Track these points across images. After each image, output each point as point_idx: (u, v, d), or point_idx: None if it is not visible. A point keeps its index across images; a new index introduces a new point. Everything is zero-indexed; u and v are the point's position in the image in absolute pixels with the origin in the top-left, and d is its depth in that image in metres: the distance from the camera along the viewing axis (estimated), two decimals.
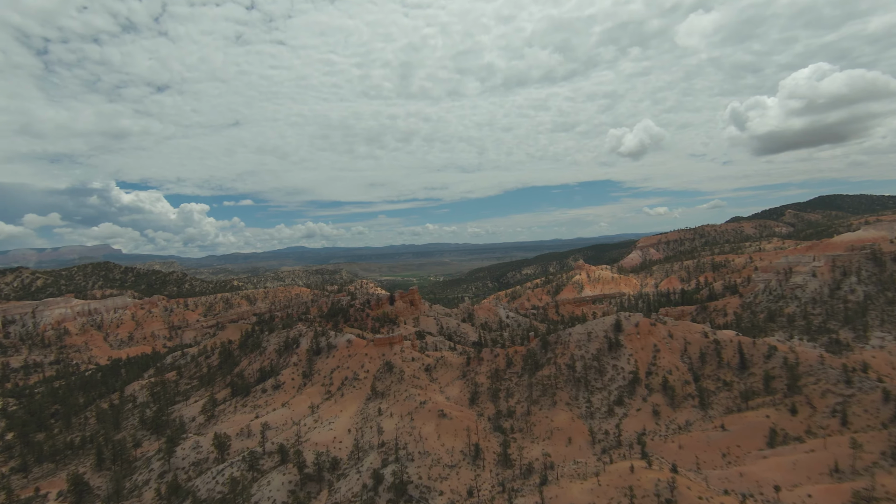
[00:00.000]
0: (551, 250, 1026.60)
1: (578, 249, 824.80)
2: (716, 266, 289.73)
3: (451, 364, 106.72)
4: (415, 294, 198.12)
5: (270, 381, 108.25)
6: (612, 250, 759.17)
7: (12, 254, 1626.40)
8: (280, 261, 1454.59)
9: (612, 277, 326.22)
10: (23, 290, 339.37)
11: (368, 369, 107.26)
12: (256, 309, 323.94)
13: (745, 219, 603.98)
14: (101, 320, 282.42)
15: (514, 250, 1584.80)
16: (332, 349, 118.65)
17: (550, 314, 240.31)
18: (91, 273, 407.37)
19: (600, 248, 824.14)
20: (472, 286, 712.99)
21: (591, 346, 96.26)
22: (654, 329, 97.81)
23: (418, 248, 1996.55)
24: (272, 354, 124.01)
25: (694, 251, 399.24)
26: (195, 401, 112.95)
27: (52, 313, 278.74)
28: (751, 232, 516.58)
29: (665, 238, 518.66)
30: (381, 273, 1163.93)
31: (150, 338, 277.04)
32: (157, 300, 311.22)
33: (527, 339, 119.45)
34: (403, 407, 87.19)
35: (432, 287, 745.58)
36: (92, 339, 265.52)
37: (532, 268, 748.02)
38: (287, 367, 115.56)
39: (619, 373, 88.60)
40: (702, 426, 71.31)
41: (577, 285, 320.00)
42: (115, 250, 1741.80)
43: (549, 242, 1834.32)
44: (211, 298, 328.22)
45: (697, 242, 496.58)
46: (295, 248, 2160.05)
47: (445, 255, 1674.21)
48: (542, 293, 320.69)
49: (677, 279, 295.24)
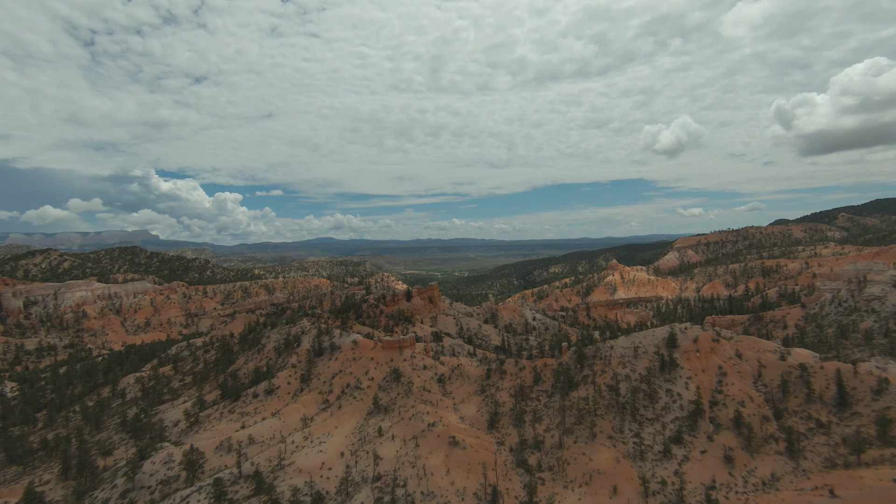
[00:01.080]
0: (579, 249, 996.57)
1: (609, 249, 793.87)
2: (766, 271, 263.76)
3: (469, 376, 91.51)
4: (434, 290, 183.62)
5: (264, 385, 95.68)
6: (644, 251, 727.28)
7: (59, 236, 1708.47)
8: (308, 251, 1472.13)
9: (648, 279, 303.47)
10: (50, 271, 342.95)
11: (373, 377, 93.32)
12: (274, 299, 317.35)
13: (792, 222, 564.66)
14: (119, 305, 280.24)
15: (541, 248, 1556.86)
16: (335, 351, 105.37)
17: (581, 317, 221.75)
18: (118, 257, 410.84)
19: (632, 248, 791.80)
20: (497, 283, 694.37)
21: (638, 364, 79.24)
22: (718, 346, 79.85)
23: (444, 243, 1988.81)
24: (271, 353, 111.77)
25: (738, 254, 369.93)
26: (184, 401, 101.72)
27: (74, 296, 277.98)
28: (800, 236, 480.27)
29: (705, 239, 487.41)
30: (405, 266, 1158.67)
31: (166, 324, 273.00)
32: (175, 286, 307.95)
33: (557, 348, 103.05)
34: (409, 428, 72.70)
35: (456, 283, 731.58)
36: (109, 323, 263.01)
37: (560, 266, 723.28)
38: (285, 368, 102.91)
39: (674, 400, 71.47)
40: (794, 483, 53.87)
41: (610, 287, 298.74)
42: (153, 236, 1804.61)
43: (578, 241, 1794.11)
44: (230, 287, 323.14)
45: (741, 245, 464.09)
46: (323, 238, 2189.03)
47: (471, 251, 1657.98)
48: (571, 294, 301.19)
49: (722, 284, 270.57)
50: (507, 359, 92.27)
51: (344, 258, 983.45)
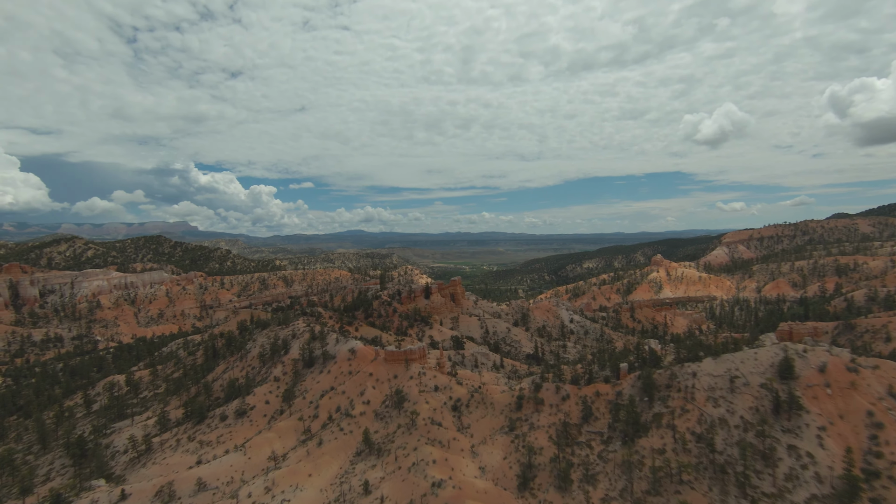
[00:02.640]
0: (613, 244, 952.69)
1: (647, 244, 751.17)
2: (841, 269, 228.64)
3: (494, 403, 69.33)
4: (457, 286, 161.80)
5: (236, 404, 76.55)
6: (685, 246, 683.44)
7: (106, 227, 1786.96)
8: (339, 243, 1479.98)
9: (698, 277, 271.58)
10: (73, 259, 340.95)
11: (369, 399, 72.60)
12: (292, 291, 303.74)
13: (855, 216, 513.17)
14: (135, 295, 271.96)
15: (573, 242, 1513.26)
16: (328, 361, 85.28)
17: (624, 319, 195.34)
18: (142, 246, 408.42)
19: (671, 243, 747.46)
20: (527, 278, 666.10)
21: (737, 403, 55.08)
22: (859, 380, 54.63)
23: (473, 237, 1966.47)
24: (254, 361, 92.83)
25: (800, 250, 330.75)
26: (147, 418, 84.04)
27: (91, 285, 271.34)
28: (867, 230, 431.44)
29: (757, 234, 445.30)
30: (433, 259, 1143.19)
31: (179, 316, 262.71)
32: (192, 277, 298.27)
33: (604, 362, 79.28)
34: (405, 486, 51.40)
35: (484, 277, 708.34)
36: (122, 314, 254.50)
37: (594, 261, 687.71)
38: (266, 381, 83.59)
39: (804, 465, 47.24)
40: None
41: (655, 284, 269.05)
42: (192, 227, 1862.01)
43: (611, 236, 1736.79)
44: (247, 278, 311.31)
45: (799, 240, 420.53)
46: (354, 231, 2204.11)
47: (500, 245, 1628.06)
48: (610, 291, 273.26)
49: (787, 283, 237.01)
50: (543, 382, 69.46)
51: (371, 250, 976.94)
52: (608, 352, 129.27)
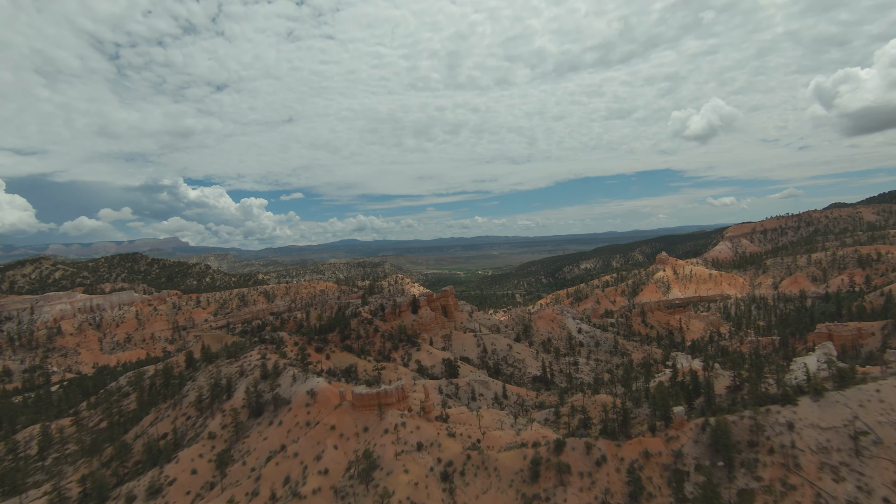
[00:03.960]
0: (606, 243, 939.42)
1: (644, 241, 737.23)
2: (864, 261, 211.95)
3: (500, 469, 49.89)
4: (448, 298, 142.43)
5: (149, 478, 56.54)
6: (683, 242, 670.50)
7: (95, 246, 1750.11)
8: (332, 253, 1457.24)
9: (708, 275, 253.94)
10: (39, 282, 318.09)
11: (328, 467, 52.91)
12: (274, 307, 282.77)
13: (857, 204, 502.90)
14: (101, 318, 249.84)
15: (566, 243, 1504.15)
16: (281, 407, 65.56)
17: (635, 325, 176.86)
18: (117, 265, 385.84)
19: (669, 240, 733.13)
20: (524, 281, 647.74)
21: (871, 474, 36.28)
22: None
23: (467, 241, 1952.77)
24: (190, 409, 72.78)
25: (810, 241, 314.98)
26: (43, 495, 63.62)
27: (52, 310, 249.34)
28: (872, 218, 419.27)
29: (760, 226, 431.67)
30: (427, 266, 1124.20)
31: (149, 340, 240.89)
32: (165, 296, 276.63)
33: (630, 380, 60.07)
34: None
35: (479, 282, 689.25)
36: (86, 340, 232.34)
37: (591, 262, 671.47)
38: (198, 439, 63.58)
39: None
40: None
41: (662, 284, 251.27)
42: (183, 243, 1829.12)
43: (604, 235, 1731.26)
44: (226, 294, 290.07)
45: (804, 231, 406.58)
46: (347, 240, 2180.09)
47: (494, 248, 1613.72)
48: (615, 294, 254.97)
49: (806, 278, 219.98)
50: (564, 438, 50.25)
51: (363, 259, 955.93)
52: (625, 366, 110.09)
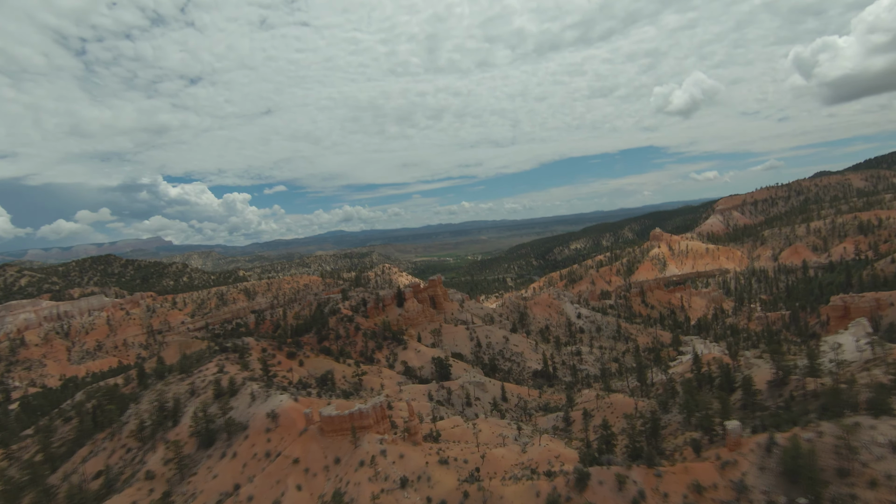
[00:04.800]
0: (593, 222, 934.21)
1: (633, 219, 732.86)
2: (865, 227, 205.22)
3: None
4: (437, 287, 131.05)
5: None
6: (672, 218, 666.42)
7: (75, 249, 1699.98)
8: (319, 245, 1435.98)
9: (705, 249, 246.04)
10: (4, 290, 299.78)
11: None
12: (255, 305, 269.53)
13: (842, 172, 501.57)
14: (69, 326, 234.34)
15: (554, 224, 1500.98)
16: (236, 434, 53.95)
17: (635, 305, 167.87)
18: (88, 268, 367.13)
19: (657, 216, 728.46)
20: (514, 265, 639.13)
21: None
22: None
23: (455, 227, 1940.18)
24: (130, 439, 60.77)
25: (805, 210, 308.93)
26: None
27: (16, 319, 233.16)
28: (861, 185, 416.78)
29: (751, 197, 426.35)
30: (416, 254, 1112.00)
31: (122, 347, 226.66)
32: (138, 298, 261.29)
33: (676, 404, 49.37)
34: None
35: (469, 267, 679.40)
36: (53, 350, 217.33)
37: (581, 242, 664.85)
38: (133, 481, 51.80)
39: None
40: None
41: (658, 261, 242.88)
42: (167, 242, 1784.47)
43: (591, 215, 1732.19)
44: (204, 294, 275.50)
45: (794, 200, 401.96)
46: (334, 232, 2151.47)
47: (482, 233, 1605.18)
48: (610, 273, 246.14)
49: (807, 248, 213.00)
50: (585, 465, 39.47)
51: (350, 250, 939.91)
52: (632, 353, 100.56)
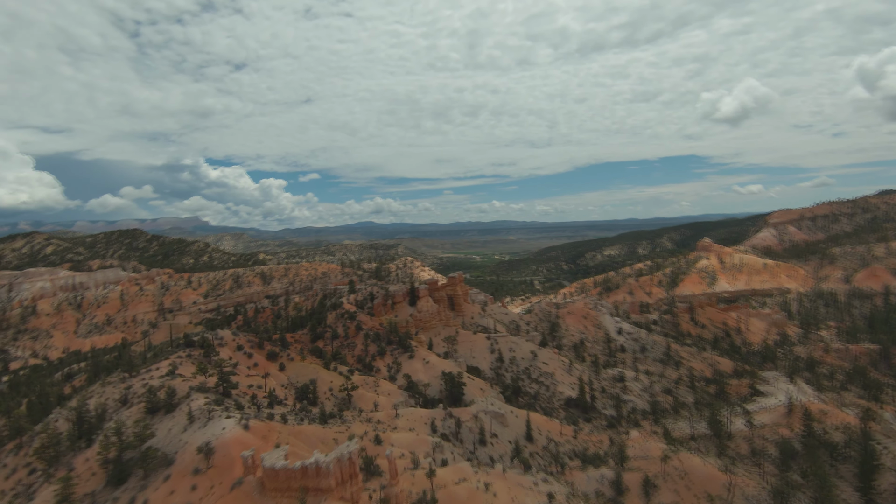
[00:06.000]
0: (627, 230, 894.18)
1: (672, 228, 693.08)
2: None
3: None
4: (457, 286, 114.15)
5: None
6: (715, 229, 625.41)
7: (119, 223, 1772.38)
8: (348, 235, 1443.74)
9: (763, 265, 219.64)
10: (30, 257, 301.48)
11: None
12: (270, 290, 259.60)
13: None
14: (82, 298, 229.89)
15: (586, 229, 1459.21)
16: (155, 472, 38.69)
17: (683, 323, 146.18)
18: (115, 241, 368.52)
19: (698, 227, 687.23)
20: (543, 267, 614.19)
21: None
22: None
23: (484, 226, 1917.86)
24: (36, 459, 46.61)
25: (875, 229, 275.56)
26: None
27: (32, 287, 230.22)
28: None
29: (810, 212, 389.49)
30: (443, 250, 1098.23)
31: (130, 323, 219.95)
32: (154, 275, 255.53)
33: None
34: None
35: (496, 267, 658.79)
36: (63, 321, 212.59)
37: (615, 248, 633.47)
38: None
39: None
40: None
41: (707, 274, 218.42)
42: (204, 222, 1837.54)
43: (624, 222, 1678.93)
44: (220, 275, 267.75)
45: (860, 219, 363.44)
46: (364, 223, 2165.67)
47: (511, 233, 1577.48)
48: (650, 284, 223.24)
49: (886, 270, 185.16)
50: None
51: (377, 241, 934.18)
52: (692, 385, 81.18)
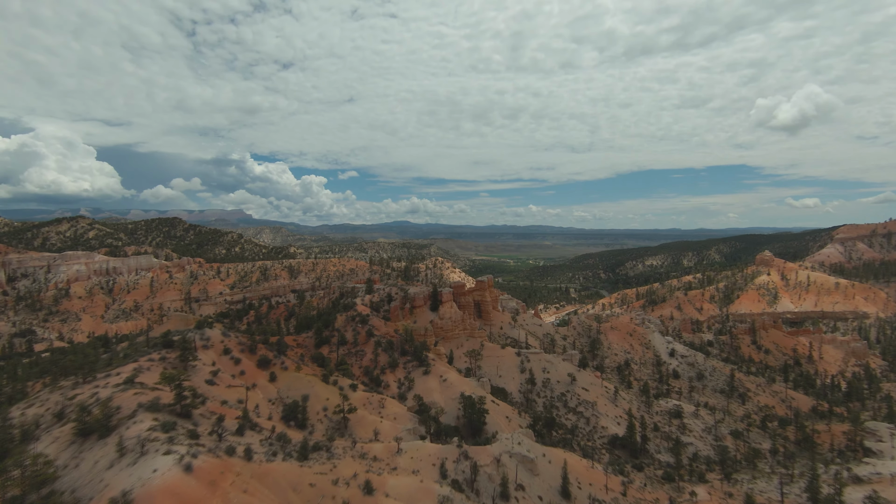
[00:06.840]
0: (668, 240, 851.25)
1: (721, 240, 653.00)
2: None
3: None
4: (485, 291, 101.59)
5: None
6: (769, 243, 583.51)
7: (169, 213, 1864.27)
8: (383, 233, 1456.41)
9: (835, 284, 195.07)
10: (73, 240, 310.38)
11: None
12: (296, 284, 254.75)
13: None
14: (114, 283, 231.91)
15: (625, 238, 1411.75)
16: None
17: (743, 347, 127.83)
18: (154, 228, 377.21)
19: (748, 239, 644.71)
20: (579, 275, 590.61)
21: None
22: None
23: (519, 230, 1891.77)
24: None
25: None
26: None
27: (69, 269, 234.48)
28: None
29: (883, 228, 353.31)
30: (476, 252, 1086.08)
31: (156, 310, 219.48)
32: (185, 263, 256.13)
33: None
34: None
35: (530, 272, 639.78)
36: (93, 305, 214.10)
37: (658, 258, 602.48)
38: None
39: None
40: None
41: (767, 292, 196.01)
42: (247, 215, 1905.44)
43: (667, 232, 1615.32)
44: (248, 266, 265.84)
45: None
46: (400, 222, 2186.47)
47: (547, 238, 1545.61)
48: (701, 299, 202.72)
49: None
50: None
51: (410, 240, 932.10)
52: (757, 420, 65.76)
